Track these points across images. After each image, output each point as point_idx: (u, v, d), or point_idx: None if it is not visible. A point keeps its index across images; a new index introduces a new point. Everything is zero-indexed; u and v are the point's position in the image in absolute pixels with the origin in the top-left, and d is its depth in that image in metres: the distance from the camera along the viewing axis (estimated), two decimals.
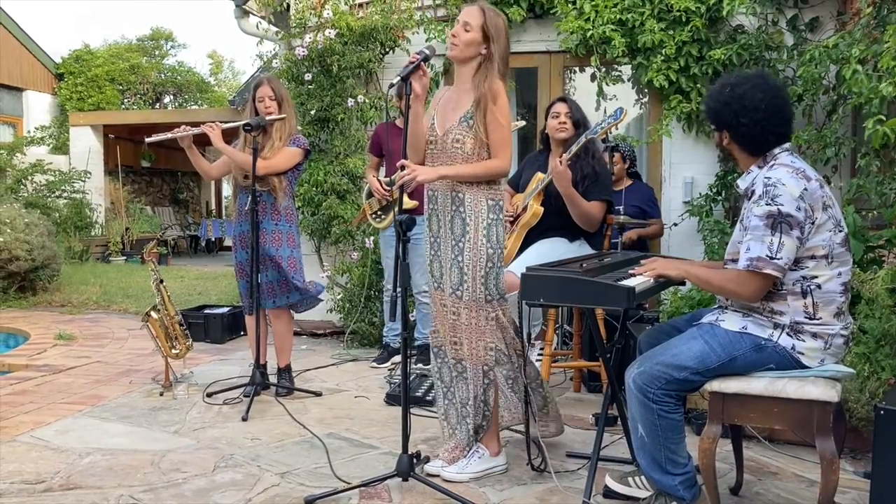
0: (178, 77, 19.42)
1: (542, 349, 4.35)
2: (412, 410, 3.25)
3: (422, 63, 2.91)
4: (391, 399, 4.19)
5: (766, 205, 2.38)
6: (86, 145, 13.97)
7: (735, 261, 2.50)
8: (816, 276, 2.42)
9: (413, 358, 5.00)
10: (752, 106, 2.50)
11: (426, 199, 3.15)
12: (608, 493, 2.86)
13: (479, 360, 3.04)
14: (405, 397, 2.92)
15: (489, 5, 3.01)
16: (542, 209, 4.04)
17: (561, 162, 3.84)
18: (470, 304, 3.00)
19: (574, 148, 3.89)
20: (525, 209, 4.11)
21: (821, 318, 2.42)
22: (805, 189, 2.39)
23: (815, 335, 2.42)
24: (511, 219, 4.17)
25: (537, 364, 4.37)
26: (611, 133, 3.93)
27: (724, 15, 5.13)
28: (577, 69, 6.17)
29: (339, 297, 5.94)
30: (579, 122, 4.08)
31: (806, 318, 2.42)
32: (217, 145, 4.15)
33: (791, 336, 2.43)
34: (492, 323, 3.01)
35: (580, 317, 4.37)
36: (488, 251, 2.99)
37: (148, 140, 4.29)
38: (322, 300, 4.61)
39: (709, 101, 2.64)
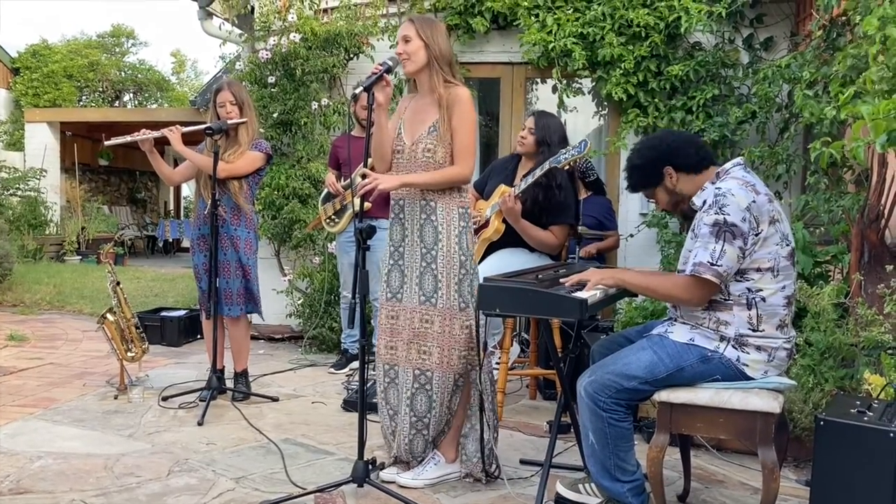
0: (139, 75, 19.16)
1: (499, 357, 4.40)
2: (369, 417, 3.27)
3: (385, 74, 2.95)
4: (348, 405, 4.21)
5: (715, 213, 2.47)
6: (42, 142, 13.71)
7: None
8: (761, 289, 2.50)
9: (371, 364, 5.00)
10: (666, 134, 2.89)
11: (391, 208, 3.18)
12: (559, 499, 2.91)
13: (450, 369, 3.06)
14: (362, 403, 2.95)
15: (417, 15, 3.09)
16: (503, 227, 4.08)
17: (509, 197, 3.87)
18: (444, 311, 3.03)
19: (530, 180, 3.92)
20: (487, 224, 4.15)
21: (764, 331, 2.51)
22: (753, 201, 2.48)
23: (759, 348, 2.51)
24: (475, 226, 4.21)
25: (494, 372, 4.42)
26: (573, 165, 3.92)
27: (682, 32, 5.25)
28: (538, 80, 6.26)
29: (299, 301, 5.93)
30: (542, 142, 4.05)
31: (750, 329, 2.51)
32: (177, 148, 4.14)
33: (736, 348, 2.51)
34: (465, 331, 3.05)
35: (537, 326, 4.43)
36: (461, 258, 3.04)
37: (107, 143, 4.24)
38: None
39: (637, 161, 2.77)
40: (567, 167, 3.86)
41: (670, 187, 2.70)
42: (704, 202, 2.57)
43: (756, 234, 2.48)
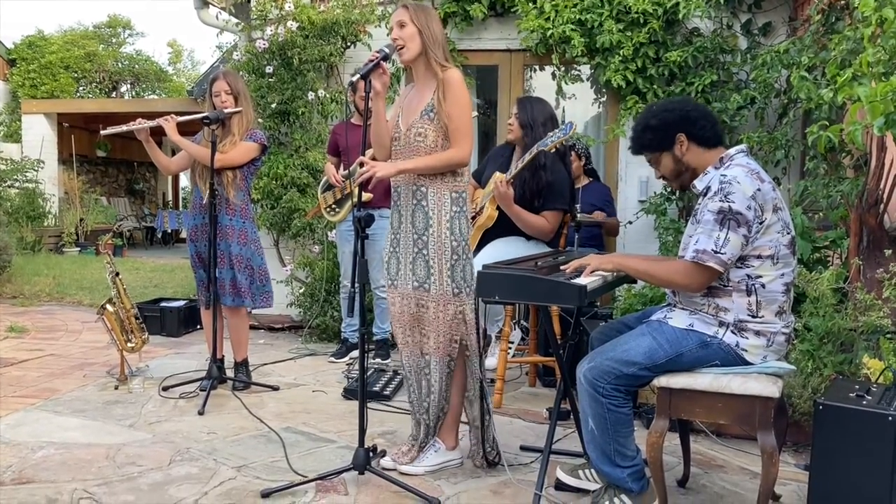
0: (136, 66, 19.12)
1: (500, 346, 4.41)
2: (369, 405, 3.29)
3: (381, 61, 2.94)
4: (349, 393, 4.22)
5: (720, 201, 2.46)
6: (39, 133, 13.68)
7: None
8: (761, 276, 2.50)
9: (371, 353, 5.02)
10: (687, 100, 2.74)
11: (391, 195, 3.17)
12: (559, 485, 2.93)
13: (444, 352, 3.06)
14: (362, 391, 2.95)
15: (411, 1, 3.07)
16: (496, 213, 4.08)
17: (501, 183, 3.88)
18: (438, 297, 3.02)
19: (520, 164, 3.93)
20: (481, 211, 4.16)
21: (763, 317, 2.51)
22: (758, 189, 2.47)
23: (758, 333, 2.51)
24: (471, 215, 4.21)
25: (493, 359, 4.44)
26: (560, 147, 3.93)
27: (680, 18, 5.24)
28: (537, 67, 6.24)
29: (299, 291, 5.93)
30: (526, 125, 4.09)
31: (749, 315, 2.51)
32: (172, 138, 4.13)
33: (735, 334, 2.52)
34: (459, 317, 3.04)
35: (536, 313, 4.43)
36: (452, 244, 3.02)
37: (104, 132, 4.24)
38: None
39: (653, 121, 2.69)
40: (554, 149, 3.87)
41: (678, 155, 2.66)
42: (708, 188, 2.55)
43: (760, 223, 2.47)
